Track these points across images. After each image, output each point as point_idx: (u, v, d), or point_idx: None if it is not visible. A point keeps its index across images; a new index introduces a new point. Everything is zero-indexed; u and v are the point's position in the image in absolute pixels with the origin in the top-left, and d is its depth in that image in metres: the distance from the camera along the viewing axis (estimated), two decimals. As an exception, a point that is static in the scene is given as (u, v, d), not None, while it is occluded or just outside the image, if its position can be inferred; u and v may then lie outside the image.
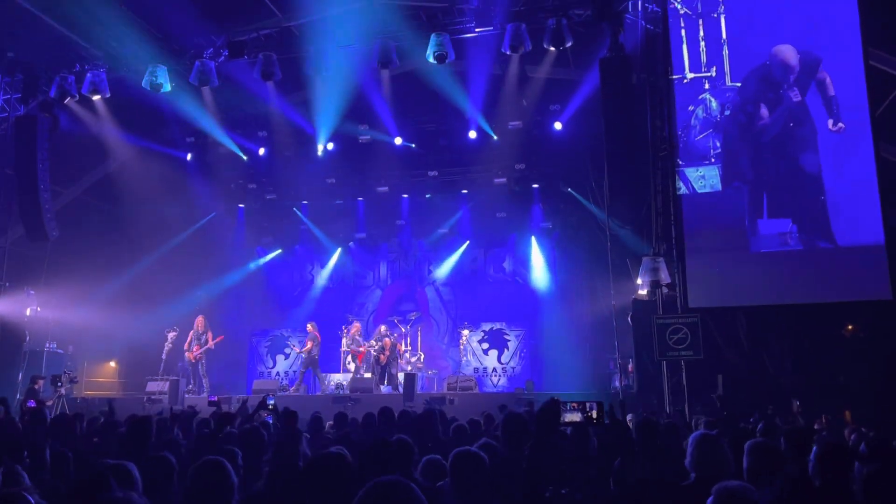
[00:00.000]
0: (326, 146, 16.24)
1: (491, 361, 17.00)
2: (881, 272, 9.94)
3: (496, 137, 15.57)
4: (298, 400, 13.65)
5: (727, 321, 11.33)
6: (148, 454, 4.28)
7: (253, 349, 18.35)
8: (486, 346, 17.12)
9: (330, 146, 16.28)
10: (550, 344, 16.76)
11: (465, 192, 17.35)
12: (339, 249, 18.47)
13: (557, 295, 16.97)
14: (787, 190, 10.64)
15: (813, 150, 10.54)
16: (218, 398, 10.02)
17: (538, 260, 17.18)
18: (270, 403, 7.49)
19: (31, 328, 13.82)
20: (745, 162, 10.90)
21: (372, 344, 15.62)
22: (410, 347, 16.18)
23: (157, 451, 4.50)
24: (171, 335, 15.05)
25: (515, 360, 16.99)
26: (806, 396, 10.08)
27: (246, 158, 16.75)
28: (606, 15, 11.50)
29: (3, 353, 13.27)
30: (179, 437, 6.04)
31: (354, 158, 16.67)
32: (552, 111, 15.04)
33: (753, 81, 10.95)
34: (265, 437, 5.12)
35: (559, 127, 15.00)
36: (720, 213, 10.89)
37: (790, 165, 10.65)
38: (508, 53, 12.22)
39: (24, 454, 4.65)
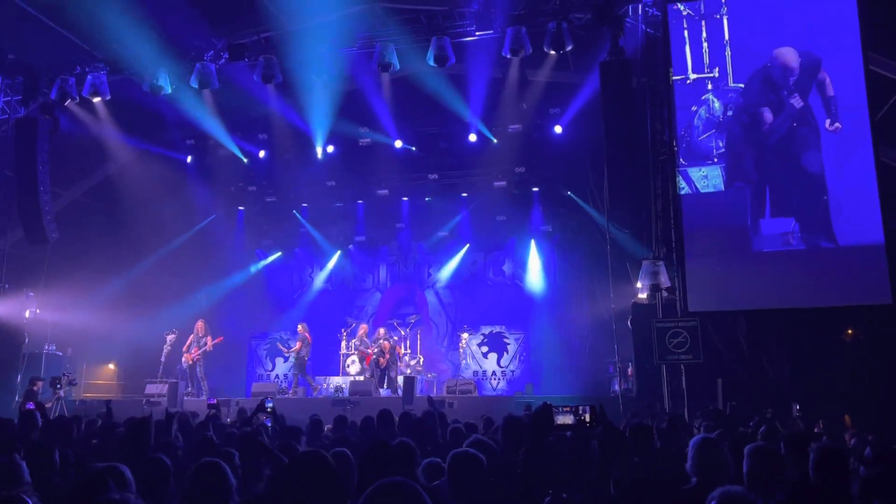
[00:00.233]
0: (326, 149, 16.26)
1: (490, 365, 16.99)
2: (882, 272, 9.94)
3: (496, 141, 15.59)
4: (297, 403, 13.67)
5: (727, 325, 11.32)
6: (145, 456, 4.27)
7: (252, 352, 18.34)
8: (485, 349, 17.11)
9: (330, 149, 16.29)
10: (550, 347, 16.75)
11: (464, 195, 17.34)
12: (338, 252, 18.47)
13: (557, 298, 16.97)
14: (789, 189, 10.64)
15: (815, 149, 10.56)
16: (217, 401, 10.00)
17: (538, 263, 17.17)
18: (269, 406, 7.47)
19: (30, 330, 13.80)
20: (747, 162, 10.92)
21: (371, 346, 15.63)
22: (410, 350, 16.17)
23: (153, 453, 4.49)
24: (170, 338, 15.03)
25: (515, 363, 16.98)
26: (805, 400, 10.08)
27: (246, 161, 16.76)
28: (607, 19, 11.52)
29: (2, 355, 13.24)
30: (179, 439, 6.01)
31: (354, 161, 16.68)
32: (552, 115, 15.06)
33: (756, 84, 10.97)
34: (265, 440, 5.11)
35: (559, 130, 15.01)
36: (723, 212, 10.90)
37: (793, 165, 10.66)
38: (509, 57, 12.23)
39: (20, 454, 4.65)
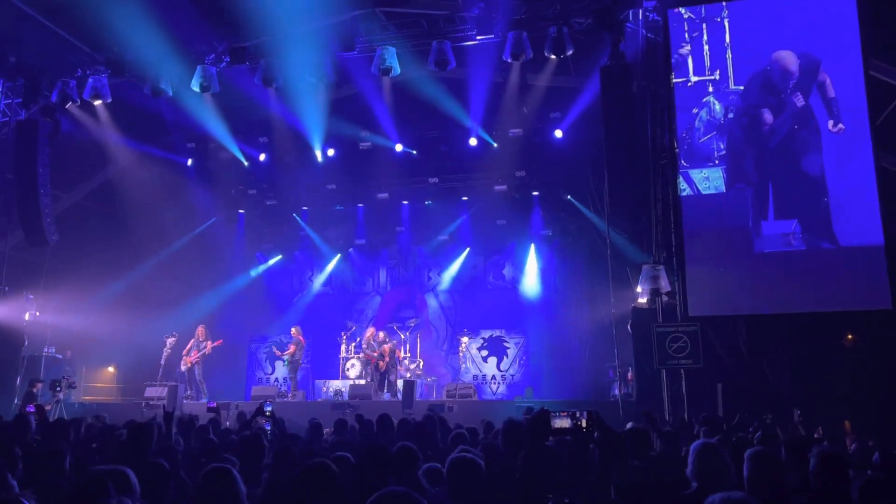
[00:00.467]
0: (327, 152, 16.29)
1: (490, 369, 16.97)
2: (882, 276, 9.95)
3: (496, 145, 15.61)
4: (297, 406, 13.65)
5: (727, 329, 11.32)
6: (146, 460, 4.26)
7: (252, 355, 18.33)
8: (485, 353, 17.10)
9: (331, 152, 16.33)
10: (550, 352, 16.75)
11: (465, 198, 17.36)
12: (338, 256, 18.47)
13: (557, 302, 16.97)
14: (790, 191, 10.66)
15: (816, 151, 10.58)
16: (217, 404, 10.00)
17: (538, 267, 17.17)
18: (268, 410, 7.46)
19: (29, 333, 13.79)
20: (749, 163, 10.94)
21: (364, 350, 15.63)
22: (409, 354, 16.15)
23: (153, 457, 4.49)
24: (169, 341, 15.03)
25: (515, 367, 16.96)
26: (806, 405, 10.06)
27: (247, 164, 16.77)
28: (607, 24, 11.54)
29: (1, 357, 13.23)
30: (180, 443, 6.00)
31: (355, 165, 16.69)
32: (553, 119, 15.08)
33: (755, 87, 11.00)
34: (264, 443, 5.10)
35: (559, 135, 15.02)
36: (724, 213, 10.92)
37: (794, 166, 10.68)
38: (509, 61, 12.25)
39: (17, 456, 4.66)
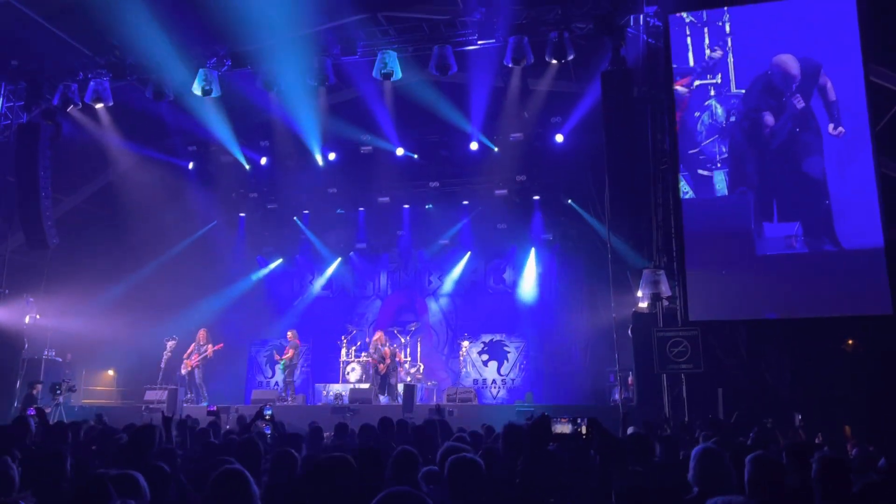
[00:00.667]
0: (328, 156, 16.32)
1: (490, 373, 16.95)
2: (883, 279, 9.96)
3: (497, 149, 15.63)
4: (297, 410, 13.63)
5: (727, 334, 11.32)
6: (145, 463, 4.25)
7: (252, 359, 18.31)
8: (485, 357, 17.08)
9: (332, 156, 16.36)
10: (550, 356, 16.74)
11: (465, 203, 17.36)
12: (339, 259, 18.47)
13: (557, 307, 16.96)
14: (792, 194, 10.68)
15: (818, 154, 10.61)
16: (217, 408, 9.99)
17: (538, 272, 17.17)
18: (267, 414, 7.46)
19: (29, 336, 13.78)
20: (751, 167, 10.97)
21: (365, 355, 15.63)
22: (410, 358, 16.14)
23: (153, 460, 4.48)
24: (170, 344, 15.02)
25: (515, 371, 16.95)
26: (806, 410, 10.05)
27: (248, 167, 16.78)
28: (608, 29, 11.58)
29: (1, 360, 13.22)
30: (181, 446, 6.00)
31: (356, 168, 16.70)
32: (553, 123, 15.09)
33: (756, 90, 11.03)
34: (259, 447, 5.09)
35: (560, 139, 15.04)
36: (726, 217, 10.94)
37: (795, 169, 10.70)
38: (510, 66, 12.28)
39: (14, 458, 4.65)
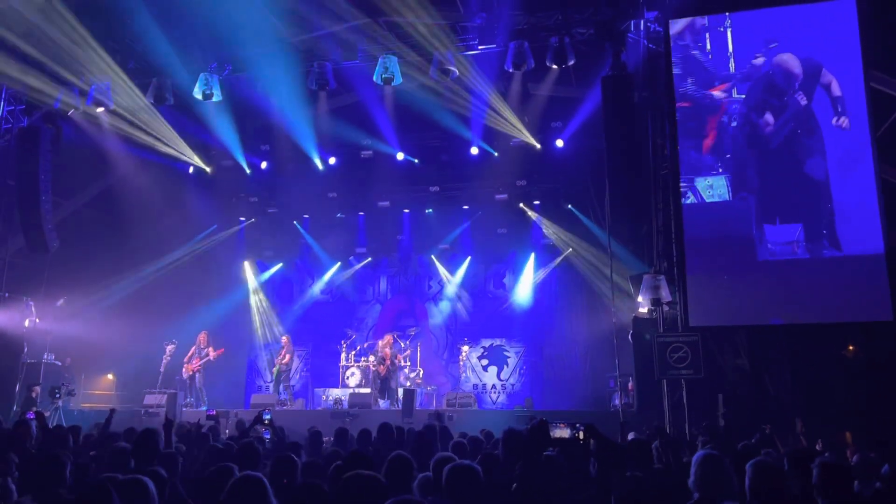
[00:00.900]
0: (328, 160, 16.34)
1: (490, 378, 16.94)
2: (884, 285, 9.95)
3: (497, 154, 15.65)
4: (296, 415, 13.62)
5: (728, 339, 11.30)
6: (144, 468, 4.24)
7: (251, 363, 18.30)
8: (485, 362, 17.08)
9: (332, 160, 16.37)
10: (550, 361, 16.73)
11: (465, 207, 17.38)
12: (338, 263, 18.46)
13: (557, 312, 16.95)
14: (794, 198, 10.67)
15: (820, 155, 10.60)
16: (216, 412, 9.97)
17: (538, 276, 17.16)
18: (266, 419, 7.44)
19: (29, 339, 13.76)
20: (752, 171, 10.96)
21: (371, 359, 15.60)
22: (409, 363, 16.12)
23: (150, 464, 4.47)
24: (169, 348, 15.00)
25: (515, 376, 16.94)
26: (806, 416, 10.03)
27: (249, 172, 16.79)
28: (609, 34, 11.61)
29: (0, 364, 13.19)
30: (181, 450, 5.98)
31: (356, 173, 16.72)
32: (554, 128, 15.10)
33: (757, 91, 11.04)
34: (260, 452, 5.08)
35: (561, 144, 15.05)
36: (728, 222, 10.93)
37: (797, 172, 10.69)
38: (511, 71, 12.31)
39: (13, 464, 4.64)
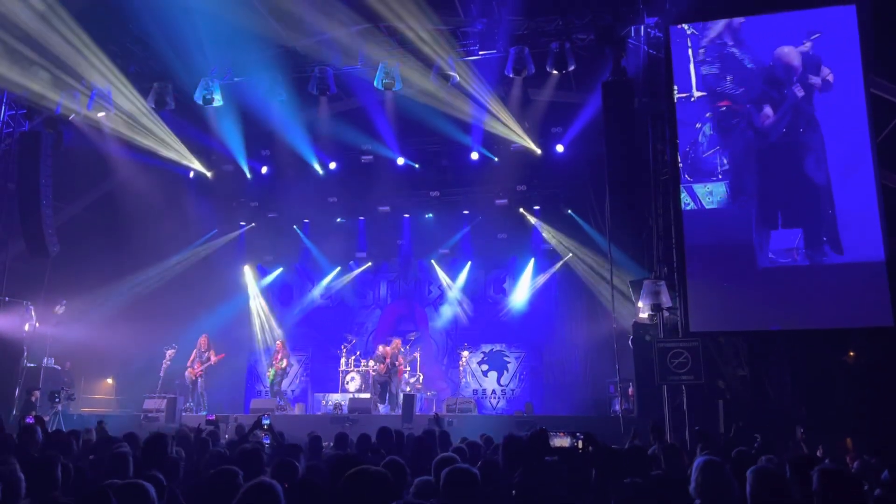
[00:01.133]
0: (328, 165, 16.36)
1: (490, 383, 16.93)
2: (884, 290, 9.94)
3: (497, 159, 15.67)
4: (296, 420, 13.60)
5: (728, 345, 11.29)
6: (142, 473, 4.23)
7: (251, 368, 18.28)
8: (485, 367, 17.06)
9: (332, 165, 16.39)
10: (550, 366, 16.72)
11: (466, 212, 17.39)
12: (338, 268, 18.46)
13: (558, 317, 16.94)
14: (794, 204, 10.67)
15: (821, 162, 10.60)
16: (216, 417, 9.96)
17: (538, 281, 17.16)
18: (266, 424, 7.43)
19: (29, 344, 13.75)
20: (752, 177, 10.95)
21: (371, 364, 15.58)
22: (409, 368, 16.10)
23: (149, 470, 4.45)
24: (169, 353, 15.00)
25: (515, 382, 16.92)
26: (807, 422, 10.02)
27: (249, 177, 16.80)
28: (609, 40, 11.61)
29: (0, 368, 13.18)
30: (182, 455, 5.97)
31: (356, 178, 16.72)
32: (554, 133, 15.11)
33: (758, 84, 11.04)
34: (262, 456, 5.07)
35: (561, 149, 15.06)
36: (728, 228, 10.92)
37: (797, 179, 10.69)
38: (511, 76, 12.33)
39: (16, 468, 4.62)
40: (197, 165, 16.19)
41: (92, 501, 3.06)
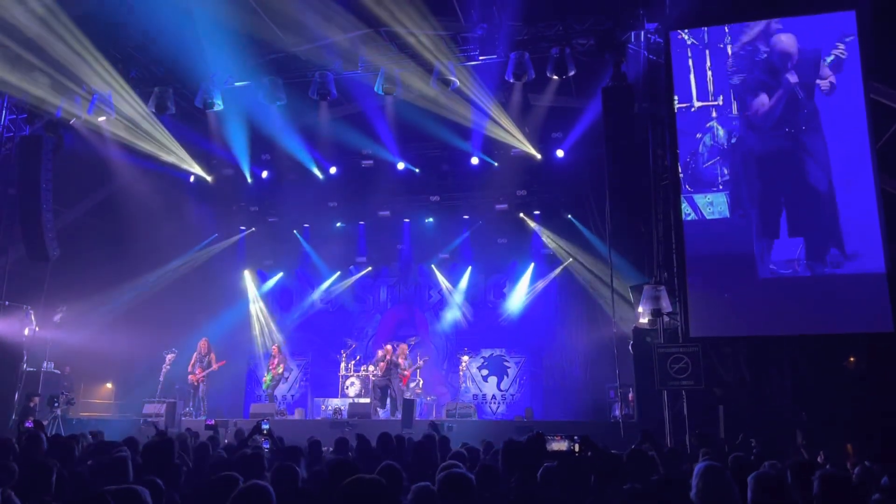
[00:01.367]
0: (329, 170, 16.38)
1: (490, 388, 16.91)
2: (884, 296, 9.93)
3: (497, 164, 15.68)
4: (295, 425, 13.58)
5: (728, 351, 11.28)
6: (141, 477, 4.21)
7: (251, 373, 18.26)
8: (485, 372, 17.05)
9: (333, 170, 16.41)
10: (550, 372, 16.71)
11: (466, 217, 17.41)
12: (338, 273, 18.46)
13: (558, 322, 16.94)
14: (796, 214, 10.65)
15: (821, 170, 10.59)
16: (215, 422, 9.94)
17: (539, 287, 17.15)
18: (265, 428, 7.42)
19: (28, 348, 13.74)
20: (754, 187, 10.93)
21: (371, 369, 15.56)
22: (412, 373, 16.07)
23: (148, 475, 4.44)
24: (169, 357, 14.98)
25: (515, 387, 16.90)
26: (808, 428, 10.00)
27: (250, 181, 16.81)
28: (609, 45, 11.65)
29: (0, 372, 13.17)
30: (186, 460, 5.96)
31: (356, 182, 16.75)
32: (554, 139, 15.13)
33: (756, 72, 11.04)
34: (263, 461, 5.07)
35: (561, 154, 15.08)
36: (728, 239, 10.91)
37: (799, 188, 10.68)
38: (512, 81, 12.35)
39: (14, 473, 4.61)
40: (197, 170, 16.20)
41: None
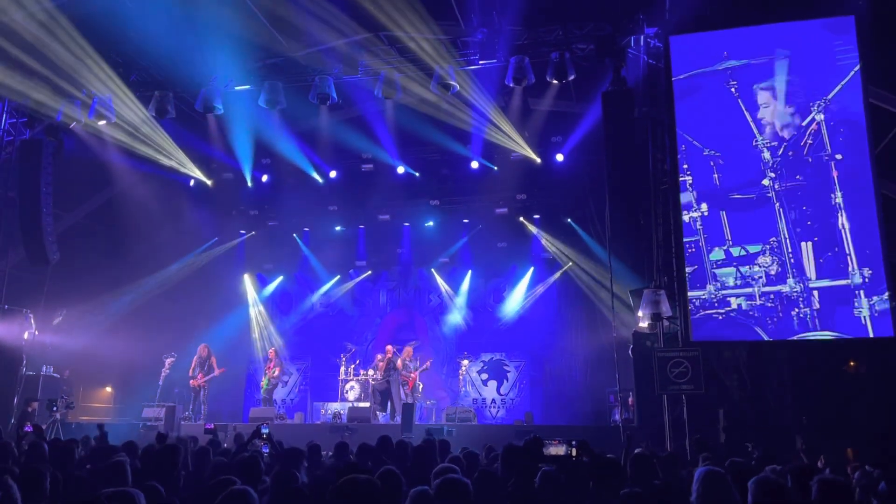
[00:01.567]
0: (329, 174, 16.38)
1: (490, 392, 16.89)
2: (885, 302, 9.94)
3: (497, 168, 15.70)
4: (294, 429, 13.54)
5: (729, 355, 11.27)
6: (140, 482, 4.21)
7: (251, 377, 18.23)
8: (485, 376, 17.03)
9: (333, 174, 16.42)
10: (550, 376, 16.69)
11: (466, 221, 17.41)
12: (338, 277, 18.46)
13: (558, 326, 16.92)
14: (796, 217, 10.69)
15: (822, 177, 10.61)
16: (215, 426, 9.93)
17: (538, 291, 17.15)
18: (265, 433, 7.40)
19: (28, 352, 13.72)
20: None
21: (370, 373, 15.54)
22: (417, 377, 16.03)
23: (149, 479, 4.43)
24: (168, 361, 14.96)
25: (515, 391, 16.88)
26: (808, 432, 9.99)
27: (250, 185, 16.82)
28: (609, 50, 11.66)
29: (-1, 376, 13.17)
30: (188, 465, 5.95)
31: (356, 186, 16.78)
32: (554, 143, 15.15)
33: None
34: (262, 465, 5.06)
35: (561, 159, 15.10)
36: None
37: (805, 194, 10.70)
38: (511, 86, 12.36)
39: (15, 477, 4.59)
40: (197, 174, 16.21)
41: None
